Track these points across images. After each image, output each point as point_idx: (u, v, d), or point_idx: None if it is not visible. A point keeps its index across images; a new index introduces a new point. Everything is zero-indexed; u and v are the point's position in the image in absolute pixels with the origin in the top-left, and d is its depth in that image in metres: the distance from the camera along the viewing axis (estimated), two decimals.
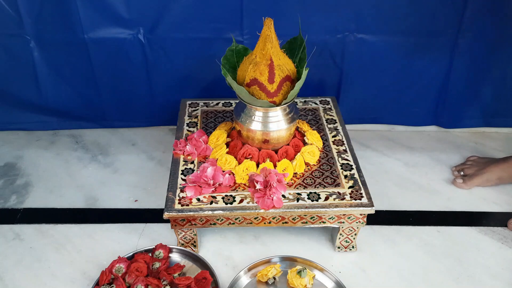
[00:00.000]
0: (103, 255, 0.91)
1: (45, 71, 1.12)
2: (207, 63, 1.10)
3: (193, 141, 0.96)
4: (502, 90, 1.17)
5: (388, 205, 1.03)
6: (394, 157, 1.18)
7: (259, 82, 0.85)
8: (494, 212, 1.02)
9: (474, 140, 1.24)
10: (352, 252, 0.92)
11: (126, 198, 1.05)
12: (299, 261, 0.87)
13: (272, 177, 0.85)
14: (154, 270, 0.84)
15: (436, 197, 1.06)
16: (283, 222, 0.86)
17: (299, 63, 0.91)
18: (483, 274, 0.88)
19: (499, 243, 0.95)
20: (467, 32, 1.08)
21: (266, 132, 0.90)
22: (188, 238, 0.89)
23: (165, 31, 1.07)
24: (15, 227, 0.97)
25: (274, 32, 0.83)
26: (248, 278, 0.86)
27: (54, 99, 1.17)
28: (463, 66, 1.13)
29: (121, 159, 1.16)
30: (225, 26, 1.07)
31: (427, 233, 0.97)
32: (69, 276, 0.87)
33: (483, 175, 1.07)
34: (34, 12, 1.03)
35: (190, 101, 1.13)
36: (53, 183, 1.09)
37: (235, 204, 0.84)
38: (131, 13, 1.05)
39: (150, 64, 1.12)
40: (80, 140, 1.23)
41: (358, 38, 1.09)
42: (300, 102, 1.13)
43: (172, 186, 0.88)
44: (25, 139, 1.22)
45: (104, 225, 0.98)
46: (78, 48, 1.08)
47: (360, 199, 0.85)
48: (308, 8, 1.05)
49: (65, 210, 1.02)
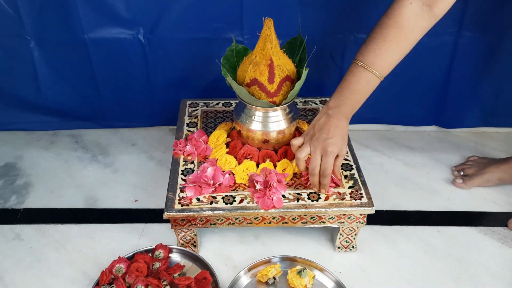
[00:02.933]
0: (103, 255, 0.91)
1: (45, 71, 1.12)
2: (207, 63, 1.10)
3: (193, 141, 0.96)
4: (502, 90, 1.17)
5: (388, 205, 1.03)
6: (394, 157, 1.18)
7: (259, 82, 0.85)
8: (494, 212, 1.02)
9: (474, 140, 1.24)
10: (352, 252, 0.92)
11: (126, 198, 1.05)
12: (299, 261, 0.87)
13: (272, 177, 0.85)
14: (154, 270, 0.84)
15: (436, 197, 1.06)
16: (283, 222, 0.86)
17: (299, 63, 0.91)
18: (483, 274, 0.88)
19: (499, 243, 0.95)
20: (467, 32, 1.08)
21: (266, 132, 0.90)
22: (188, 238, 0.89)
23: (165, 31, 1.07)
24: (15, 227, 0.97)
25: (274, 32, 0.83)
26: (248, 278, 0.86)
27: (54, 99, 1.17)
28: (463, 66, 1.13)
29: (121, 159, 1.16)
30: (225, 26, 1.07)
31: (427, 233, 0.97)
32: (69, 276, 0.87)
33: (483, 175, 1.07)
34: (34, 12, 1.03)
35: (190, 101, 1.13)
36: (53, 183, 1.09)
37: (235, 204, 0.84)
38: (131, 13, 1.05)
39: (150, 64, 1.12)
40: (80, 140, 1.23)
41: (358, 38, 1.09)
42: (300, 102, 1.13)
43: (172, 186, 0.88)
44: (25, 139, 1.22)
45: (104, 225, 0.98)
46: (78, 48, 1.08)
47: (360, 199, 0.85)
48: (308, 8, 1.05)
49: (65, 210, 1.02)
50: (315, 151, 0.82)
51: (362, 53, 0.82)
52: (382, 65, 0.81)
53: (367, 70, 0.81)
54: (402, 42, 0.81)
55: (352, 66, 0.83)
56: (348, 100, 0.83)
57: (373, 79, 0.82)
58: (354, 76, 0.83)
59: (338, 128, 0.82)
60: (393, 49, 0.81)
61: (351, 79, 0.83)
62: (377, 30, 0.82)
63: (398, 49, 0.81)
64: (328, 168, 0.82)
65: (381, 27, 0.81)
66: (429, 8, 0.80)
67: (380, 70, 0.82)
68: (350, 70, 0.83)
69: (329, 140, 0.81)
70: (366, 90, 0.83)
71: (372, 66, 0.81)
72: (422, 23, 0.80)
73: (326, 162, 0.81)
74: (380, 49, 0.81)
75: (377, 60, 0.81)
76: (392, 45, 0.81)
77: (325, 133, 0.82)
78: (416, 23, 0.80)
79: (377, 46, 0.81)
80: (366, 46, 0.82)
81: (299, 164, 0.85)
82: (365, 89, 0.83)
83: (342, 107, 0.83)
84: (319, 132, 0.83)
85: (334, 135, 0.81)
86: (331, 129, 0.82)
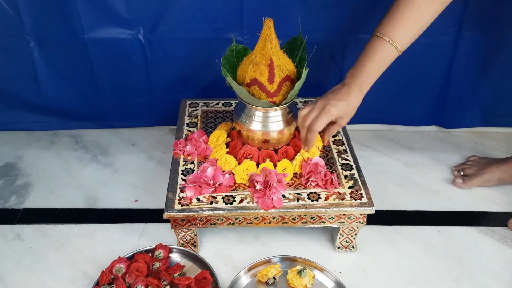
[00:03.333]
0: (103, 255, 0.91)
1: (45, 71, 1.12)
2: (207, 63, 1.10)
3: (193, 141, 0.96)
4: (502, 90, 1.17)
5: (388, 205, 1.03)
6: (394, 157, 1.18)
7: (259, 82, 0.85)
8: (494, 212, 1.02)
9: (474, 140, 1.24)
10: (352, 252, 0.92)
11: (126, 198, 1.05)
12: (299, 261, 0.88)
13: (272, 177, 0.86)
14: (154, 270, 0.84)
15: (436, 197, 1.06)
16: (283, 222, 0.86)
17: (299, 63, 0.91)
18: (483, 274, 0.88)
19: (499, 243, 0.95)
20: (467, 32, 1.08)
21: (266, 132, 0.90)
22: (188, 238, 0.89)
23: (165, 31, 1.07)
24: (15, 227, 0.97)
25: (274, 32, 0.83)
26: (248, 278, 0.86)
27: (54, 99, 1.17)
28: (463, 66, 1.13)
29: (121, 159, 1.16)
30: (225, 26, 1.07)
31: (427, 233, 0.97)
32: (69, 276, 0.87)
33: (483, 175, 1.07)
34: (34, 12, 1.03)
35: (190, 101, 1.13)
36: (53, 183, 1.09)
37: (235, 204, 0.84)
38: (131, 13, 1.05)
39: (150, 64, 1.12)
40: (80, 140, 1.23)
41: (358, 38, 1.09)
42: (300, 102, 1.13)
43: (172, 186, 0.88)
44: (25, 139, 1.22)
45: (104, 225, 0.98)
46: (78, 48, 1.08)
47: (360, 199, 0.85)
48: (308, 8, 1.05)
49: (65, 210, 1.02)
50: (315, 106, 0.83)
51: (380, 25, 0.84)
52: (400, 35, 0.82)
53: (383, 40, 0.82)
54: (419, 15, 0.82)
55: (371, 38, 0.85)
56: (363, 69, 0.84)
57: (390, 48, 0.83)
58: (371, 45, 0.84)
59: (347, 95, 0.83)
60: (409, 21, 0.82)
61: (368, 48, 0.84)
62: (393, 4, 0.83)
63: (415, 21, 0.82)
64: (316, 124, 0.82)
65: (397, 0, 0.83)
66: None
67: (397, 41, 0.82)
68: (369, 42, 0.85)
69: (332, 101, 0.82)
70: (382, 60, 0.84)
71: (389, 36, 0.82)
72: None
73: (318, 118, 0.82)
74: (396, 20, 0.82)
75: (393, 31, 0.82)
76: (408, 17, 0.82)
77: (333, 94, 0.83)
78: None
79: (393, 18, 0.82)
80: (384, 19, 0.84)
81: (298, 120, 0.87)
82: (381, 59, 0.84)
83: (357, 75, 0.84)
84: (329, 93, 0.84)
85: (340, 99, 0.82)
86: (339, 94, 0.83)
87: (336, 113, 0.82)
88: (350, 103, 0.83)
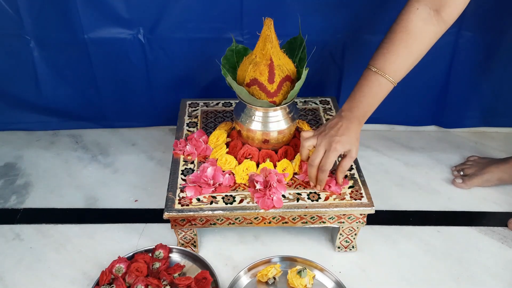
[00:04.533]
0: (103, 255, 0.91)
1: (45, 71, 1.12)
2: (207, 63, 1.10)
3: (193, 141, 0.96)
4: (502, 90, 1.17)
5: (388, 205, 1.03)
6: (394, 157, 1.18)
7: (259, 82, 0.85)
8: (494, 212, 1.02)
9: (474, 140, 1.24)
10: (352, 252, 0.92)
11: (126, 198, 1.05)
12: (299, 261, 0.88)
13: (272, 177, 0.86)
14: (154, 270, 0.84)
15: (436, 197, 1.06)
16: (283, 222, 0.86)
17: (299, 63, 0.91)
18: (483, 274, 0.88)
19: (499, 243, 0.95)
20: (467, 32, 1.08)
21: (266, 132, 0.90)
22: (188, 238, 0.89)
23: (165, 31, 1.07)
24: (15, 227, 0.97)
25: (274, 32, 0.83)
26: (248, 278, 0.86)
27: (54, 99, 1.17)
28: (463, 66, 1.13)
29: (121, 159, 1.16)
30: (225, 26, 1.07)
31: (427, 233, 0.97)
32: (69, 276, 0.87)
33: (483, 175, 1.07)
34: (34, 12, 1.03)
35: (190, 101, 1.13)
36: (53, 183, 1.09)
37: (235, 204, 0.84)
38: (131, 13, 1.05)
39: (150, 64, 1.12)
40: (80, 140, 1.23)
41: (358, 38, 1.09)
42: (300, 102, 1.13)
43: (172, 186, 0.88)
44: (25, 139, 1.22)
45: (104, 225, 0.98)
46: (78, 48, 1.08)
47: (360, 199, 0.85)
48: (308, 8, 1.05)
49: (65, 210, 1.02)
50: (320, 144, 0.83)
51: (374, 58, 0.84)
52: (393, 69, 0.83)
53: (377, 74, 0.83)
54: (412, 46, 0.82)
55: (364, 71, 0.85)
56: (360, 103, 0.84)
57: (384, 82, 0.83)
58: (366, 80, 0.84)
59: (348, 129, 0.83)
60: (403, 54, 0.82)
61: (363, 83, 0.85)
62: (387, 35, 0.83)
63: (408, 53, 0.83)
64: (327, 164, 0.82)
65: (391, 32, 0.83)
66: (437, 13, 0.80)
67: (391, 74, 0.83)
68: (363, 75, 0.85)
69: (336, 138, 0.82)
70: (378, 93, 0.84)
71: (383, 70, 0.82)
72: (430, 28, 0.81)
73: (327, 157, 0.82)
74: (389, 53, 0.82)
75: (387, 64, 0.82)
76: (401, 49, 0.82)
77: (335, 131, 0.83)
78: (424, 28, 0.81)
79: (387, 51, 0.82)
80: (377, 52, 0.84)
81: (302, 152, 0.87)
82: (377, 93, 0.84)
83: (354, 109, 0.85)
84: (329, 129, 0.84)
85: (342, 134, 0.82)
86: (341, 129, 0.83)
87: (342, 149, 0.83)
88: (353, 136, 0.84)
